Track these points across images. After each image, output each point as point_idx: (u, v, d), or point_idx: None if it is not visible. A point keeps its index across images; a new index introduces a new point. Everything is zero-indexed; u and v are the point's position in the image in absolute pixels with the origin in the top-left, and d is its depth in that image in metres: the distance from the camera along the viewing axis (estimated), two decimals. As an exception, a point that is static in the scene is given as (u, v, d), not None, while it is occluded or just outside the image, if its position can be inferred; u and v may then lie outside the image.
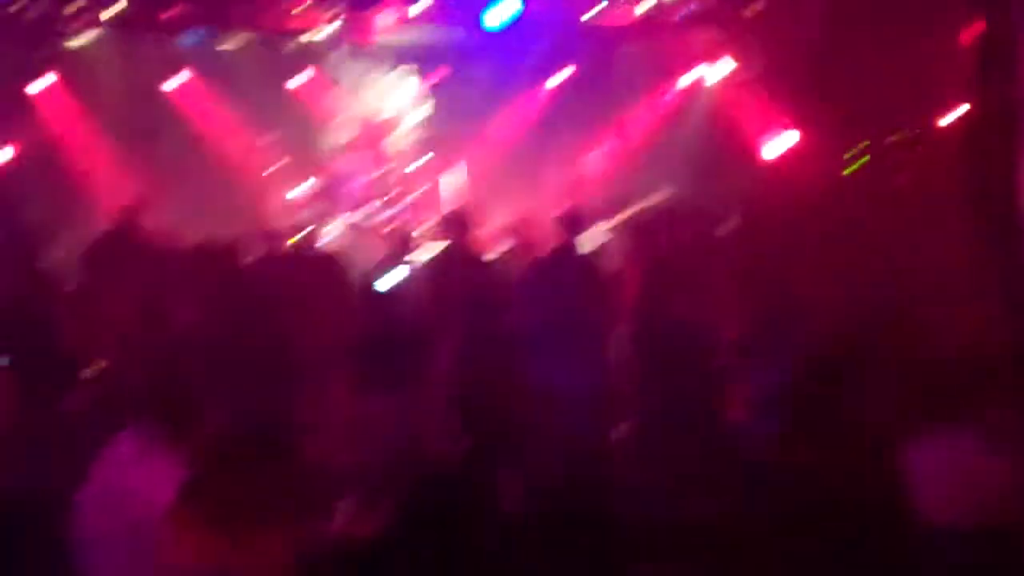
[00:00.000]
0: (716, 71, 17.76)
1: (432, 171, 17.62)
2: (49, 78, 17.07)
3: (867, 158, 15.89)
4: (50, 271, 12.40)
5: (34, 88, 17.06)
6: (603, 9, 15.96)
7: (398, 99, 18.46)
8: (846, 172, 15.94)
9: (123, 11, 15.44)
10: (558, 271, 12.08)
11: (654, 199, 15.98)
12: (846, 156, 15.95)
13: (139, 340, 10.24)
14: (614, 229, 15.14)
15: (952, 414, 6.74)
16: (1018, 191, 11.58)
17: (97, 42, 16.76)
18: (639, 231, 13.53)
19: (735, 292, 11.88)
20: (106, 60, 17.43)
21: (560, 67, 18.69)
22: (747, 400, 9.96)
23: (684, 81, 18.39)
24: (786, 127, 16.51)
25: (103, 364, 9.28)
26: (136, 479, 5.90)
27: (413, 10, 15.77)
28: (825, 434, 7.44)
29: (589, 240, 13.78)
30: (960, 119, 14.11)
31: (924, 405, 7.00)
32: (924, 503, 6.49)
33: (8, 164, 16.26)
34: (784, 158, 16.57)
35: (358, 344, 9.96)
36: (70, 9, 15.50)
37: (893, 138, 15.65)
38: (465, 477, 6.85)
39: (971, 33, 12.70)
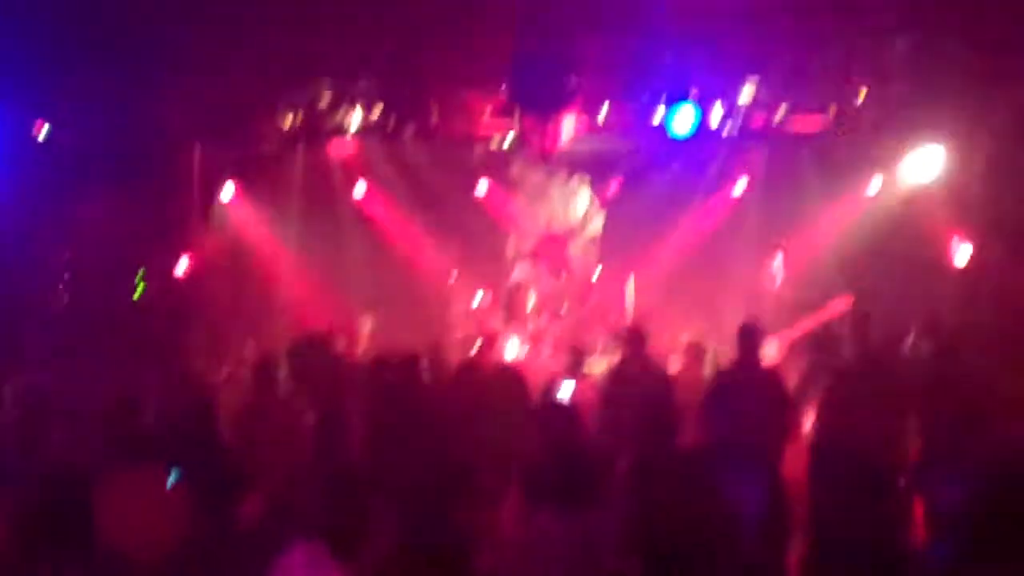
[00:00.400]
0: (900, 178, 17.47)
1: (609, 282, 17.52)
2: (233, 184, 17.43)
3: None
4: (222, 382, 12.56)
5: (224, 195, 17.39)
6: (787, 115, 15.77)
7: (577, 208, 18.51)
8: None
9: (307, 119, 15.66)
10: (739, 386, 11.90)
11: (836, 309, 15.72)
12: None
13: (313, 454, 10.30)
14: (795, 341, 14.92)
15: None
16: None
17: (284, 147, 17.05)
18: (820, 343, 13.28)
19: (920, 407, 11.59)
20: (293, 165, 17.75)
21: (737, 175, 18.56)
22: (929, 522, 9.66)
23: (868, 187, 18.13)
24: (969, 237, 16.15)
25: (275, 478, 9.34)
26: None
27: (594, 119, 15.76)
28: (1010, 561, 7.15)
29: (769, 353, 13.59)
30: None
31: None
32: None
33: (187, 272, 16.50)
34: (971, 268, 16.20)
35: (533, 458, 9.87)
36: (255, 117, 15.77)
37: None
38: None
39: None
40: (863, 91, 15.55)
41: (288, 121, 15.78)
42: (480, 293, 17.08)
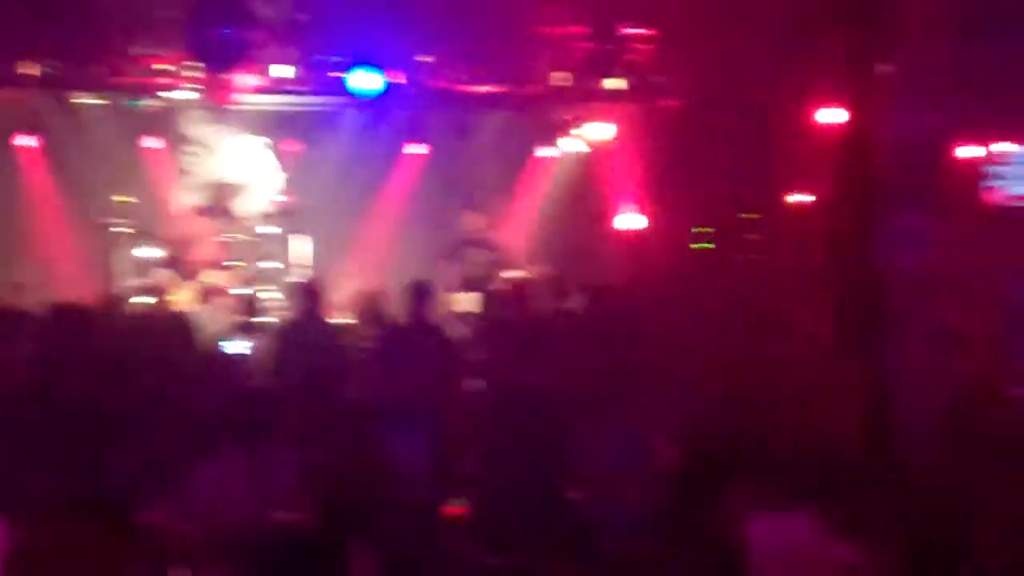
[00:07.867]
0: (574, 144, 17.91)
1: (283, 237, 17.43)
2: None
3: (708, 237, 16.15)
4: None
5: None
6: (465, 80, 15.93)
7: (252, 164, 18.35)
8: (694, 247, 16.16)
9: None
10: (407, 342, 12.08)
11: (510, 271, 16.00)
12: (694, 232, 16.17)
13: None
14: (467, 300, 15.16)
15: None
16: (876, 278, 11.59)
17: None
18: (490, 301, 13.55)
19: (585, 364, 11.90)
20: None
21: (419, 137, 18.67)
22: (589, 478, 9.97)
23: (543, 152, 18.53)
24: (636, 204, 16.64)
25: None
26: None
27: (273, 74, 15.61)
28: (672, 519, 7.49)
29: (439, 310, 13.80)
30: (816, 201, 14.36)
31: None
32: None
33: None
34: (636, 233, 16.69)
35: (203, 407, 9.83)
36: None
37: (743, 216, 15.89)
38: (315, 546, 6.79)
39: (825, 116, 12.97)
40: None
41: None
42: (149, 245, 16.77)
